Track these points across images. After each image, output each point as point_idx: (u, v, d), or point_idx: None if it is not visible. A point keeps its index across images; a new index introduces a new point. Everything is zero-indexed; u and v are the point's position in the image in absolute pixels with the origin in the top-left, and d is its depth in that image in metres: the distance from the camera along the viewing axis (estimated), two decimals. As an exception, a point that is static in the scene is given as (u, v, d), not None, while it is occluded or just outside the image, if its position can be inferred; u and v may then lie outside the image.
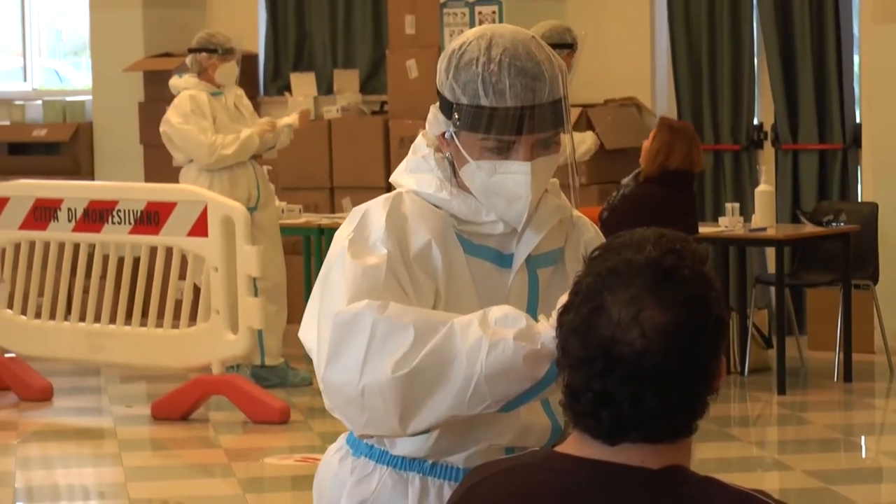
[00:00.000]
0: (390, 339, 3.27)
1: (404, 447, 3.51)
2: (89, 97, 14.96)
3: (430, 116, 3.53)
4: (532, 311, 3.47)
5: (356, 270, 3.39)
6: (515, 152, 3.44)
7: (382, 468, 3.56)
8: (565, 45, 10.84)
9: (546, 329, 3.20)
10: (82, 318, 10.73)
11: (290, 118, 11.42)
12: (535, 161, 3.45)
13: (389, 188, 3.94)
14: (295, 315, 8.30)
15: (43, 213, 10.89)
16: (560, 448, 2.78)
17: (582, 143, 11.01)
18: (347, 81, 14.05)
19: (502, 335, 3.20)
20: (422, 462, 3.54)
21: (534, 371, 3.21)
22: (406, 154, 3.72)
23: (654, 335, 2.61)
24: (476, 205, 3.52)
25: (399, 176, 3.63)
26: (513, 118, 3.40)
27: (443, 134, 3.50)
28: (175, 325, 10.19)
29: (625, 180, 10.54)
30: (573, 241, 3.61)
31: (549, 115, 3.43)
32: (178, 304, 10.28)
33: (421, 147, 3.60)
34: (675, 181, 10.20)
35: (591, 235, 3.64)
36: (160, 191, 10.76)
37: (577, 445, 2.74)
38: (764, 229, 11.17)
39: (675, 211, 9.73)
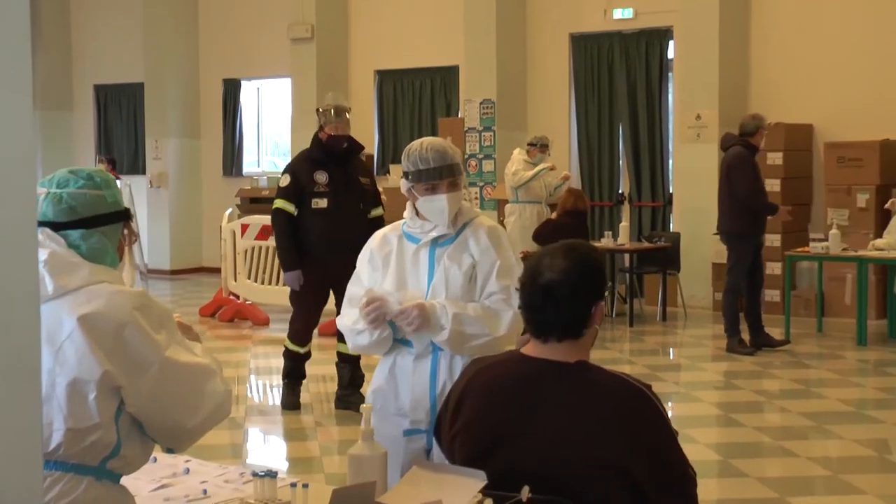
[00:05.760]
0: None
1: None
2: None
3: (400, 183, 3.39)
4: (431, 268, 3.35)
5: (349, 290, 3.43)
6: (439, 190, 3.32)
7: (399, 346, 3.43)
8: (543, 145, 10.96)
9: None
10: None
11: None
12: (448, 195, 3.32)
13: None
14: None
15: (266, 231, 10.71)
16: (524, 350, 2.60)
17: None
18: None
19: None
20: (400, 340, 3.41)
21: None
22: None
23: (558, 271, 2.51)
24: (420, 223, 3.39)
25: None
26: (432, 172, 3.31)
27: (409, 189, 3.36)
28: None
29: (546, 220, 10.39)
30: (467, 232, 3.39)
31: (449, 171, 3.33)
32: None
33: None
34: (574, 214, 9.94)
35: (476, 227, 3.41)
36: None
37: (532, 349, 2.58)
38: (623, 245, 10.96)
39: (577, 229, 9.52)
